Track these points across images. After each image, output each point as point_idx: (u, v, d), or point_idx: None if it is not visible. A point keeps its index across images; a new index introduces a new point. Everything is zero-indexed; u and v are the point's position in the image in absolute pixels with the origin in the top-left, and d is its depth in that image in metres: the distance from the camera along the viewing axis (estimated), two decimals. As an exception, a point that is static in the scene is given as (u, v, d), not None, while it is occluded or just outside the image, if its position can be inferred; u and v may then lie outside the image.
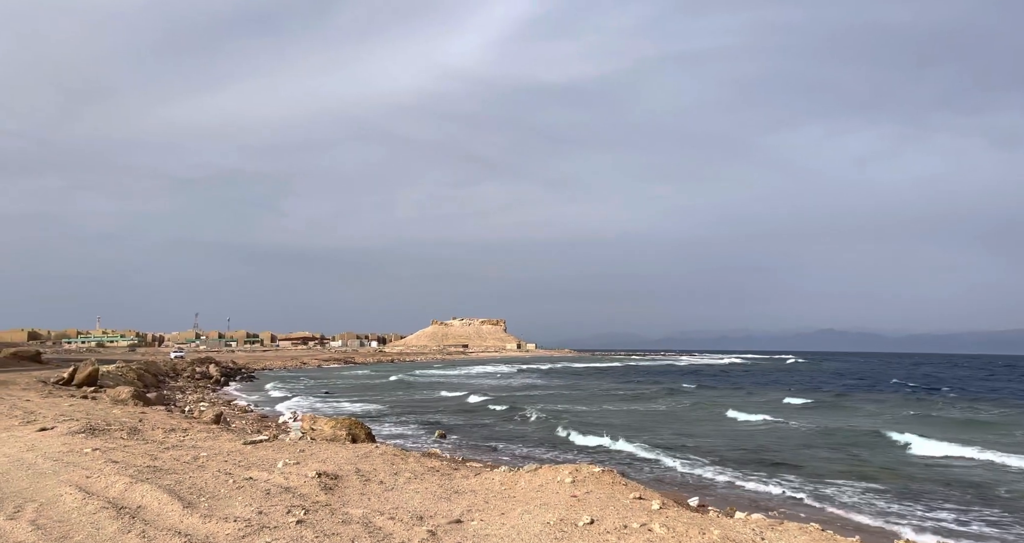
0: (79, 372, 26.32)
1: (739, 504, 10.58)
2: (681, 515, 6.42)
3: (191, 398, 30.13)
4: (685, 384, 49.15)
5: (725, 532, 5.76)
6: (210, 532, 5.73)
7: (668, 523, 5.98)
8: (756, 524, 6.16)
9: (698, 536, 5.66)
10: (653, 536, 5.66)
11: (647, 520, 6.09)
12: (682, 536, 5.66)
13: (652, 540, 5.56)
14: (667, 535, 5.67)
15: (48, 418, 13.66)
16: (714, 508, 9.64)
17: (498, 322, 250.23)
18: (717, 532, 5.74)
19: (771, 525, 6.14)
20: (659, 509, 6.61)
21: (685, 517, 6.34)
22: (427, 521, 6.35)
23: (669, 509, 6.70)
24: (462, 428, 22.16)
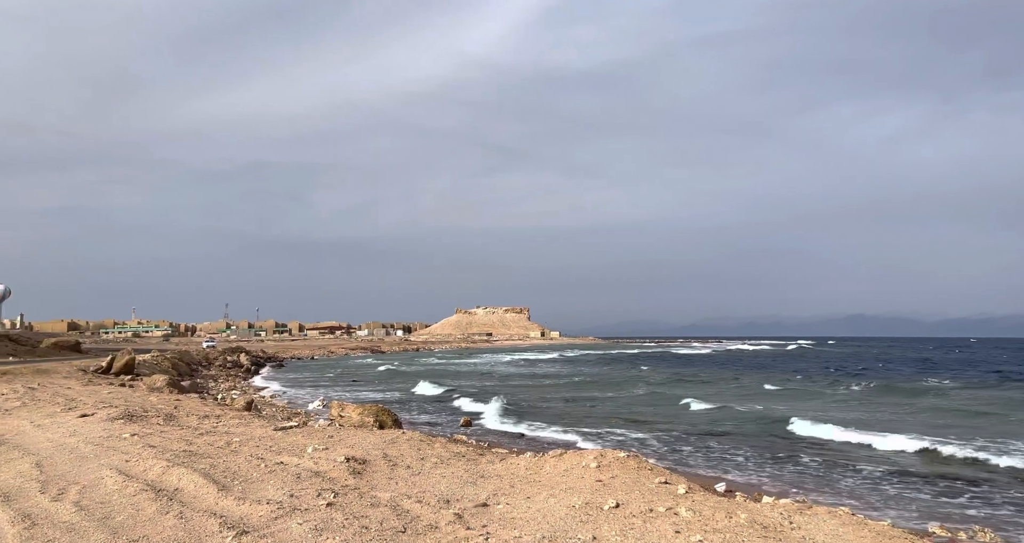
0: (117, 361, 27.17)
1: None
2: (707, 499, 6.39)
3: (223, 386, 30.92)
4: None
5: (753, 516, 5.72)
6: (244, 514, 5.89)
7: (694, 507, 5.96)
8: (784, 508, 6.10)
9: (725, 519, 5.63)
10: (679, 520, 5.65)
11: (673, 504, 6.07)
12: (708, 520, 5.64)
13: (678, 524, 5.55)
14: (693, 519, 5.65)
15: (88, 405, 14.15)
16: (741, 493, 9.58)
17: (522, 310, 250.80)
18: (744, 516, 5.70)
19: (799, 509, 6.08)
20: (685, 493, 6.59)
21: (711, 501, 6.31)
22: (454, 505, 6.43)
23: (695, 493, 6.68)
24: (487, 414, 22.33)
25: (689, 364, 61.70)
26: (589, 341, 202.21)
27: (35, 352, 54.67)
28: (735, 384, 35.87)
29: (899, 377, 41.64)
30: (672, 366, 58.25)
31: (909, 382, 36.51)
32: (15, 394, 16.40)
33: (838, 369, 51.72)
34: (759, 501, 7.27)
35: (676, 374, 45.48)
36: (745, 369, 52.68)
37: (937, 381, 37.35)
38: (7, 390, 17.43)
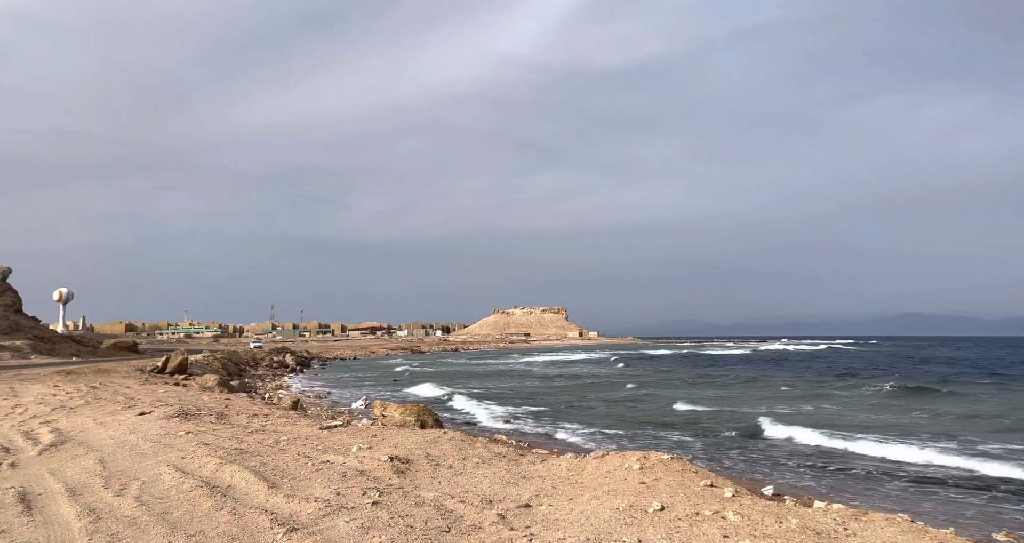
0: (171, 361, 28.31)
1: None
2: (756, 503, 6.23)
3: (270, 385, 31.84)
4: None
5: (804, 521, 5.55)
6: (293, 511, 6.04)
7: (742, 511, 5.81)
8: (838, 514, 5.89)
9: (775, 524, 5.48)
10: (727, 524, 5.52)
11: (720, 508, 5.94)
12: (757, 524, 5.49)
13: (726, 528, 5.42)
14: (741, 523, 5.52)
15: (146, 403, 14.79)
16: (791, 497, 9.30)
17: (559, 310, 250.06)
18: (795, 521, 5.53)
19: (854, 515, 5.86)
20: (732, 497, 6.44)
21: (760, 505, 6.15)
22: (496, 505, 6.45)
23: (743, 497, 6.51)
24: (527, 415, 22.34)
25: (713, 365, 60.09)
26: (628, 341, 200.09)
27: (96, 352, 57.47)
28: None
29: (927, 378, 39.03)
30: (695, 367, 56.63)
31: (940, 384, 33.94)
32: (79, 393, 17.26)
33: (864, 370, 48.75)
34: (810, 506, 7.04)
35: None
36: (767, 370, 50.79)
37: (969, 383, 35.02)
38: (72, 389, 18.35)
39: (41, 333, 59.18)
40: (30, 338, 52.79)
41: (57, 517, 5.93)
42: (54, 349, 52.82)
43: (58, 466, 8.06)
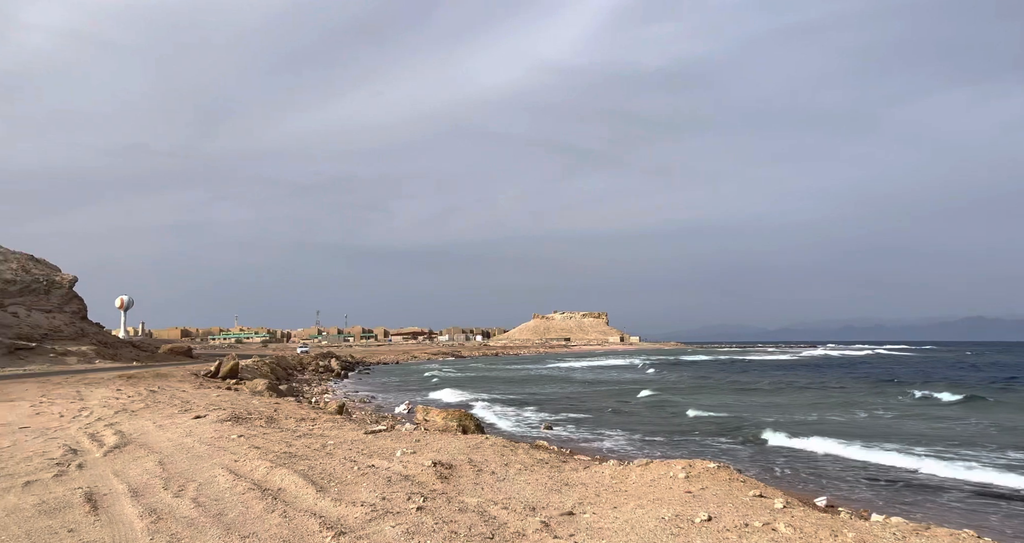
0: (223, 366, 29.35)
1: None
2: (808, 515, 6.01)
3: (316, 390, 32.62)
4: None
5: (861, 536, 5.33)
6: (341, 515, 6.17)
7: (794, 523, 5.62)
8: (897, 528, 5.63)
9: (829, 538, 5.28)
10: (778, 536, 5.35)
11: (770, 519, 5.76)
12: (811, 537, 5.31)
13: (777, 540, 5.26)
14: (793, 535, 5.34)
15: (200, 407, 15.37)
16: (846, 509, 8.94)
17: (600, 315, 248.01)
18: (852, 535, 5.32)
19: (915, 530, 5.59)
20: (783, 508, 6.24)
21: (813, 517, 5.93)
22: (539, 512, 6.43)
23: (794, 508, 6.30)
24: (567, 421, 22.21)
25: (745, 371, 57.97)
26: (671, 346, 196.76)
27: (154, 357, 60.12)
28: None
29: (974, 386, 36.44)
30: (727, 373, 54.60)
31: (987, 393, 31.72)
32: (139, 396, 18.07)
33: (907, 377, 45.88)
34: (867, 519, 6.76)
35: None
36: (802, 376, 48.71)
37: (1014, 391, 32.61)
38: (133, 393, 19.24)
39: (104, 339, 62.27)
40: (95, 343, 55.62)
41: (121, 517, 6.22)
42: (116, 354, 55.52)
43: (121, 467, 8.45)
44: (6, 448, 9.89)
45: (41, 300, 62.28)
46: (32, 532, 5.73)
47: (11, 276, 61.18)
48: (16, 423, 12.74)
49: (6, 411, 14.88)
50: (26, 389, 21.38)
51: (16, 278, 61.50)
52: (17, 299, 60.37)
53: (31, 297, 61.78)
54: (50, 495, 6.96)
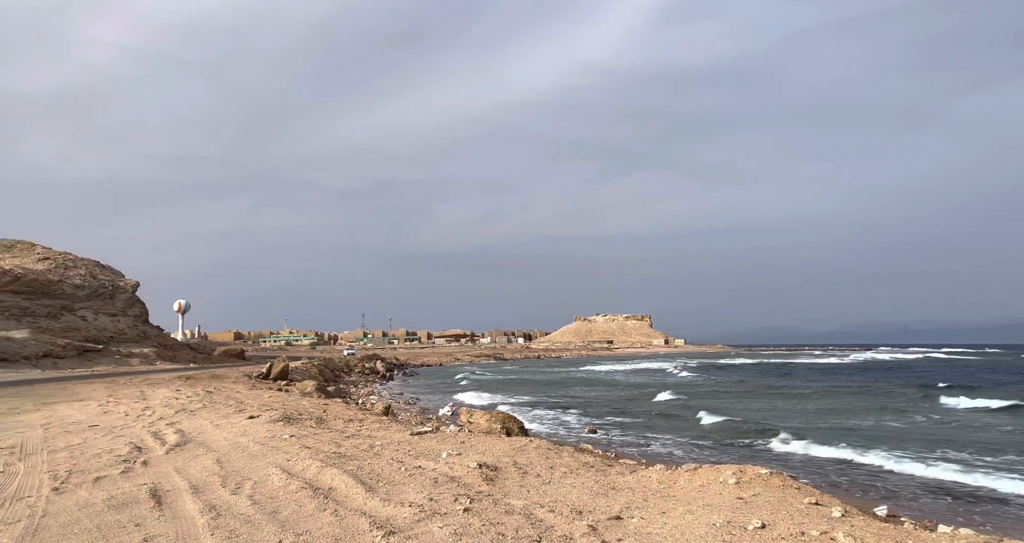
0: (274, 368, 30.30)
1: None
2: (869, 525, 5.77)
3: (362, 391, 33.29)
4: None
5: (927, 548, 5.08)
6: (390, 515, 6.28)
7: (854, 533, 5.40)
8: (967, 540, 5.34)
9: (892, 550, 5.05)
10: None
11: (828, 528, 5.56)
12: (872, 549, 5.09)
13: (836, 551, 5.07)
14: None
15: (254, 407, 15.90)
16: (909, 519, 8.53)
17: (643, 317, 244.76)
18: (916, 547, 5.08)
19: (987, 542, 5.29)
20: (841, 517, 6.00)
21: (874, 527, 5.69)
22: (586, 516, 6.39)
23: (853, 517, 6.05)
24: (612, 424, 21.98)
25: (786, 375, 55.72)
26: (716, 349, 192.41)
27: (210, 359, 62.56)
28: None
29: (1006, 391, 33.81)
30: (763, 376, 52.73)
31: None
32: (197, 397, 18.84)
33: (958, 381, 42.93)
34: (933, 530, 6.43)
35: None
36: (840, 380, 46.48)
37: None
38: (191, 393, 20.08)
39: (164, 341, 65.21)
40: (155, 346, 58.34)
41: (183, 513, 6.49)
42: (175, 356, 58.08)
43: (182, 465, 8.83)
44: (78, 445, 10.47)
45: (107, 304, 65.67)
46: (102, 526, 6.04)
47: (80, 282, 64.74)
48: (87, 421, 13.47)
49: (77, 410, 15.75)
50: (94, 389, 22.59)
51: (84, 283, 65.05)
52: (85, 303, 63.84)
53: (98, 301, 65.22)
54: (118, 490, 7.33)
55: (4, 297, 58.05)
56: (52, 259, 66.26)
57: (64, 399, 18.67)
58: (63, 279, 63.37)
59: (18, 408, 16.24)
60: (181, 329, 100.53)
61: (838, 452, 15.38)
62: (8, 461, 9.11)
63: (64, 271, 64.59)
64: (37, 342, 45.67)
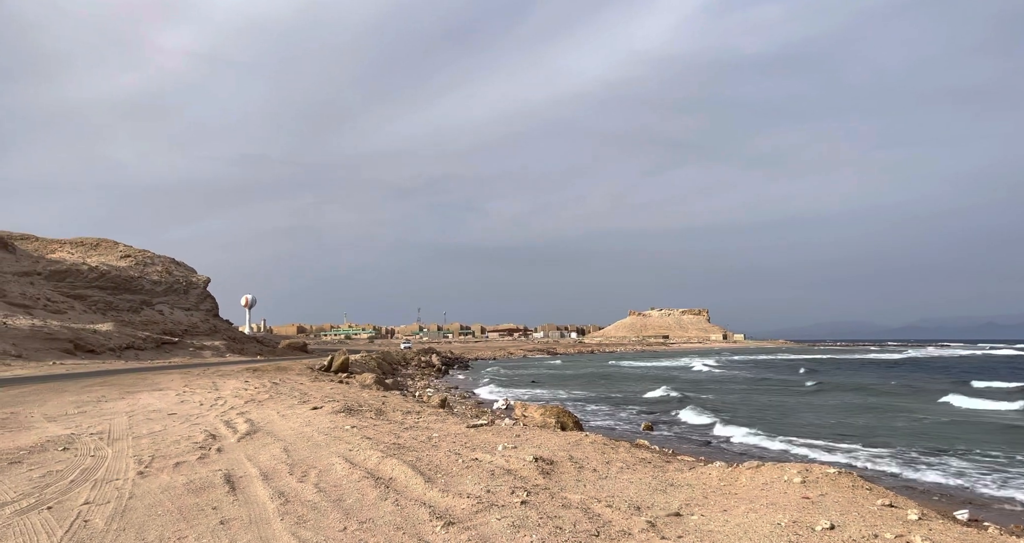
0: (335, 361, 31.34)
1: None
2: (949, 529, 5.44)
3: (419, 384, 33.99)
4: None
5: (1015, 556, 4.75)
6: (448, 505, 6.40)
7: (933, 537, 5.11)
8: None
9: (976, 557, 4.75)
10: (913, 551, 4.89)
11: (903, 531, 5.28)
12: (953, 555, 4.80)
13: (913, 556, 4.81)
14: (932, 552, 4.86)
15: (317, 399, 16.52)
16: (994, 524, 8.01)
17: (700, 312, 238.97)
18: (1003, 555, 4.76)
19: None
20: (918, 520, 5.69)
21: (955, 532, 5.36)
22: (644, 512, 6.31)
23: (931, 521, 5.72)
24: (669, 422, 21.59)
25: (816, 371, 52.88)
26: (779, 344, 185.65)
27: (275, 352, 65.34)
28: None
29: None
30: (791, 373, 50.39)
31: None
32: (264, 388, 19.73)
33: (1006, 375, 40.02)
34: (1020, 536, 6.01)
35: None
36: (870, 377, 43.86)
37: None
38: (258, 384, 21.04)
39: (233, 334, 68.53)
40: (225, 339, 61.43)
41: (255, 498, 6.82)
42: (243, 348, 60.99)
43: (253, 452, 9.27)
44: (159, 432, 11.17)
45: (181, 299, 69.51)
46: (183, 508, 6.43)
47: (157, 278, 68.76)
48: (166, 410, 14.35)
49: (157, 399, 16.79)
50: (172, 379, 24.01)
51: (161, 279, 69.05)
52: (162, 298, 67.79)
53: (173, 296, 69.13)
54: (196, 475, 7.78)
55: (91, 292, 62.40)
56: (132, 256, 70.69)
57: (145, 389, 19.94)
58: (142, 275, 67.51)
59: (105, 396, 17.45)
60: (248, 323, 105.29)
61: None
62: (98, 446, 9.81)
63: (143, 268, 68.80)
64: (120, 335, 48.92)
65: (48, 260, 63.30)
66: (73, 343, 43.19)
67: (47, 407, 14.93)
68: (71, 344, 42.92)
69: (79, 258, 66.58)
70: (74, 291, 60.04)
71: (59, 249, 69.41)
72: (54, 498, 6.77)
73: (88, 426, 11.83)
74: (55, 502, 6.61)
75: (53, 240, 72.16)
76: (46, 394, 18.18)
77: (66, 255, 67.39)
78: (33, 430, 11.39)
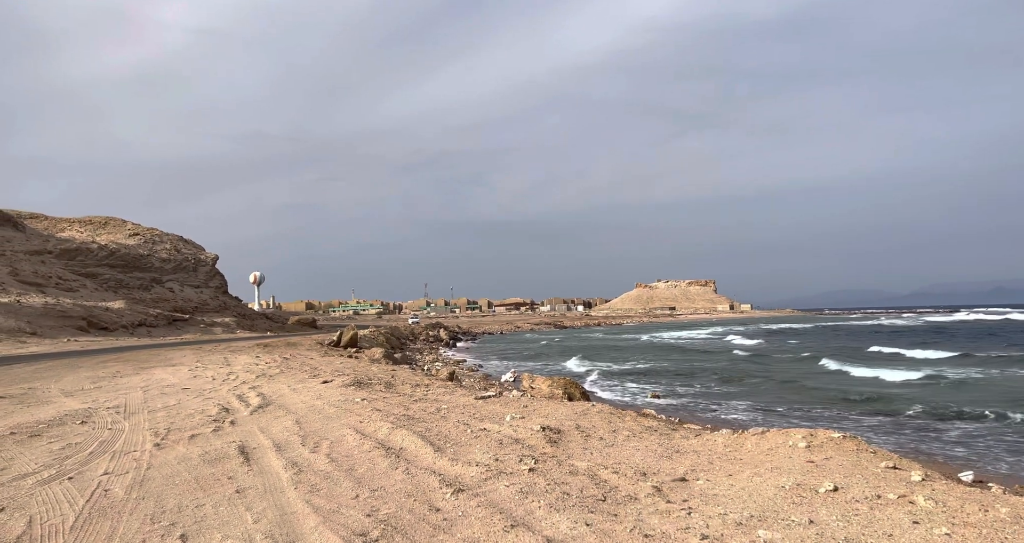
0: (344, 336, 31.66)
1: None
2: (952, 489, 5.50)
3: (427, 358, 34.35)
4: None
5: (1018, 511, 4.81)
6: (458, 474, 6.53)
7: (935, 496, 5.17)
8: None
9: (979, 512, 4.82)
10: (916, 509, 4.96)
11: (906, 492, 5.35)
12: (956, 511, 4.87)
13: (916, 513, 4.88)
14: (935, 509, 4.92)
15: (327, 373, 16.75)
16: (998, 485, 8.10)
17: (707, 283, 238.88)
18: (1006, 510, 4.82)
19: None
20: (922, 481, 5.76)
21: (958, 491, 5.43)
22: (651, 478, 6.42)
23: (935, 482, 5.79)
24: (674, 391, 21.78)
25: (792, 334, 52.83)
26: (786, 313, 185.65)
27: (285, 328, 65.98)
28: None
29: None
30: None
31: None
32: (275, 363, 20.00)
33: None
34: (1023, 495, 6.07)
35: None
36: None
37: None
38: (269, 360, 21.33)
39: (243, 311, 69.18)
40: (235, 315, 62.03)
41: (269, 468, 6.98)
42: (253, 325, 61.62)
43: (265, 425, 9.45)
44: (173, 406, 11.39)
45: (190, 277, 69.97)
46: (199, 478, 6.59)
47: (166, 256, 69.12)
48: (179, 385, 14.60)
49: (170, 374, 17.08)
50: (184, 355, 24.37)
51: (170, 257, 69.42)
52: (172, 276, 68.25)
53: (183, 274, 69.57)
54: (211, 447, 7.95)
55: (102, 270, 62.91)
56: (141, 234, 70.99)
57: (159, 364, 20.26)
58: (151, 253, 67.86)
59: (120, 372, 17.76)
60: (257, 300, 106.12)
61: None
62: (114, 419, 10.03)
63: (152, 246, 69.12)
64: (132, 312, 49.50)
65: (58, 239, 63.75)
66: (86, 320, 43.78)
67: (63, 383, 15.22)
68: (84, 321, 43.52)
69: (88, 237, 67.01)
70: (85, 269, 60.60)
71: (68, 228, 69.83)
72: (74, 469, 6.95)
73: (104, 400, 12.08)
74: (76, 473, 6.80)
75: (62, 219, 72.54)
76: (62, 370, 18.52)
77: (76, 234, 67.82)
78: (51, 405, 11.64)
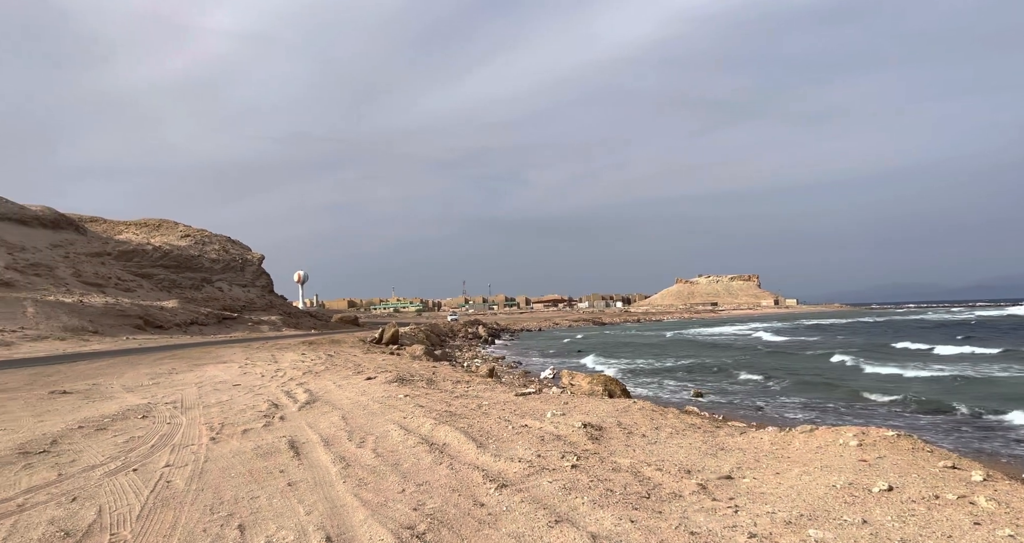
0: (385, 333, 32.25)
1: None
2: (1017, 490, 5.26)
3: (467, 355, 34.66)
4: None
5: (1089, 519, 4.57)
6: (501, 469, 6.59)
7: (998, 497, 4.96)
8: None
9: (1045, 519, 4.60)
10: (977, 510, 4.77)
11: (966, 492, 5.14)
12: (1021, 512, 4.66)
13: (977, 514, 4.69)
14: (997, 510, 4.72)
15: (370, 369, 17.10)
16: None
17: (750, 277, 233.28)
18: (1075, 518, 4.59)
19: None
20: (983, 481, 5.52)
21: (1022, 493, 5.19)
22: (695, 475, 6.35)
23: (997, 482, 5.55)
24: (718, 389, 21.39)
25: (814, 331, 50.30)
26: (833, 308, 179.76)
27: (328, 325, 67.62)
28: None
29: None
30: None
31: None
32: (320, 360, 20.54)
33: None
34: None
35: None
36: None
37: None
38: (314, 357, 21.92)
39: (288, 309, 71.18)
40: (281, 314, 63.89)
41: (318, 462, 7.20)
42: (298, 323, 63.34)
43: (313, 420, 9.74)
44: (226, 401, 11.84)
45: (238, 276, 72.38)
46: (253, 471, 6.85)
47: (216, 256, 71.66)
48: (231, 381, 15.16)
49: (222, 371, 17.74)
50: (234, 353, 25.27)
51: (219, 257, 71.95)
52: (220, 275, 70.73)
53: (231, 274, 72.02)
54: (262, 441, 8.25)
55: (157, 271, 65.68)
56: (192, 236, 73.81)
57: (211, 361, 21.06)
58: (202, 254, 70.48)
59: (175, 369, 18.55)
60: (301, 298, 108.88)
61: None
62: (172, 414, 10.50)
63: (202, 247, 71.79)
64: (185, 311, 51.55)
65: (116, 241, 66.90)
66: (143, 319, 45.83)
67: (124, 379, 16.00)
68: (141, 320, 45.57)
69: (144, 239, 70.07)
70: (141, 270, 63.42)
71: (125, 230, 73.19)
72: (138, 461, 7.33)
73: (162, 396, 12.65)
74: (139, 465, 7.16)
75: (119, 222, 76.08)
76: (122, 367, 19.47)
77: (132, 236, 71.02)
78: (114, 400, 12.27)
